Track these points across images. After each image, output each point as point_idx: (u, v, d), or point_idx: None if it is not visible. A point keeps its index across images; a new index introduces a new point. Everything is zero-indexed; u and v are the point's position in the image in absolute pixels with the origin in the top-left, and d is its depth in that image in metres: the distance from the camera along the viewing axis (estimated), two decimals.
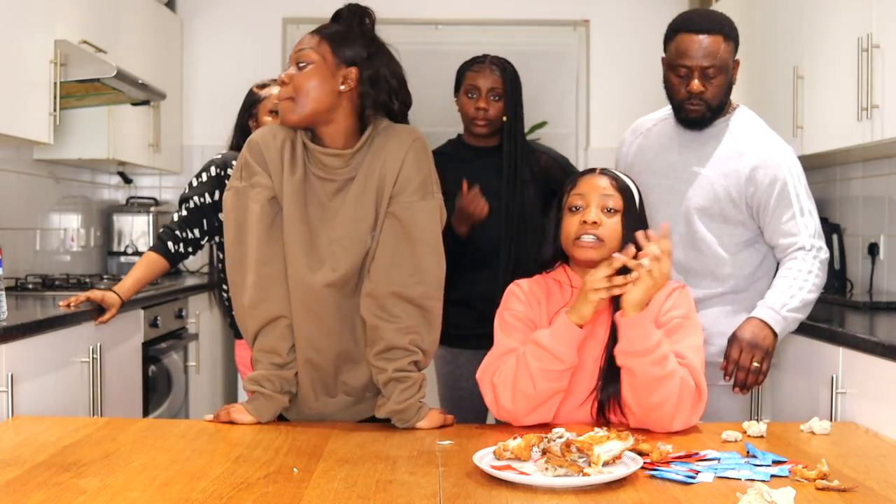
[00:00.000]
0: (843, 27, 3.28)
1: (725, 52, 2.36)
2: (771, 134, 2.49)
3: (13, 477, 1.58)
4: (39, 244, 4.21)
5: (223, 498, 1.48)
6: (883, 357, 2.30)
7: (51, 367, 2.72)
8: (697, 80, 2.36)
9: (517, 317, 2.07)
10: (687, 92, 2.38)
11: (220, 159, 2.86)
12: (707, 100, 2.38)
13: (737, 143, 2.43)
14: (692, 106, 2.40)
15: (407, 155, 2.02)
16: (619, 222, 2.03)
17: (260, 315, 2.01)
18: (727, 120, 2.47)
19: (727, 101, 2.46)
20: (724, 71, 2.37)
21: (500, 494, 1.51)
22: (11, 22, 3.19)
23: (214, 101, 5.19)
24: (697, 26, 2.36)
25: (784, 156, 2.42)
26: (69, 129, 4.08)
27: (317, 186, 2.02)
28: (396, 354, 1.98)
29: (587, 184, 2.07)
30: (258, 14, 5.31)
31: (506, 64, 2.89)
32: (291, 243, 2.00)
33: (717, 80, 2.37)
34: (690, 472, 1.60)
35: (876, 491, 1.52)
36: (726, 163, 2.41)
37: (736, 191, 2.40)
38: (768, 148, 2.43)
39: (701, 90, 2.36)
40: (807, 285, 2.36)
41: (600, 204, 2.03)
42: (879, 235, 3.70)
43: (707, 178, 2.40)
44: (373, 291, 2.00)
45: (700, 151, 2.45)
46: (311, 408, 2.08)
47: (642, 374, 1.91)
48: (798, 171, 2.43)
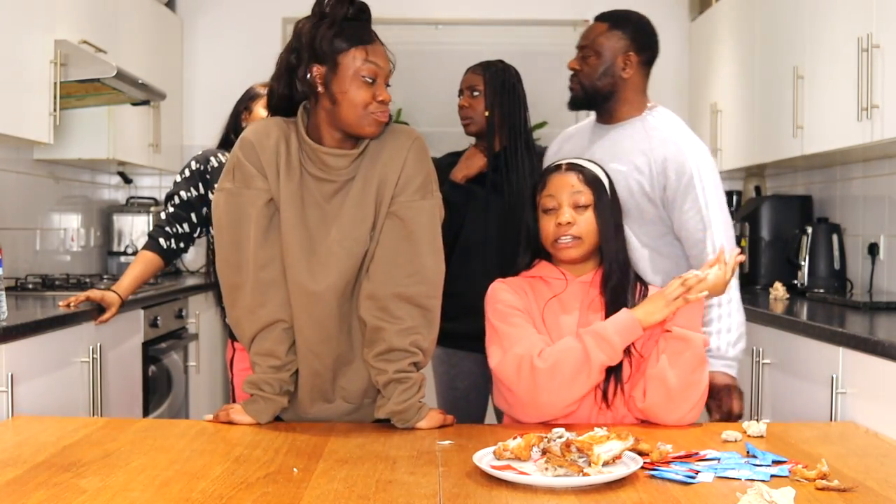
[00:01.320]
0: (843, 27, 3.28)
1: (604, 37, 2.47)
2: (686, 130, 2.48)
3: (13, 477, 1.58)
4: (39, 244, 4.21)
5: (223, 498, 1.48)
6: (883, 357, 2.30)
7: (51, 367, 2.72)
8: (575, 58, 2.52)
9: (512, 305, 2.09)
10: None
11: (202, 155, 2.90)
12: (580, 79, 2.50)
13: (650, 139, 2.43)
14: (571, 83, 2.54)
15: (408, 155, 2.00)
16: (591, 216, 2.08)
17: (257, 319, 1.99)
18: (642, 118, 2.48)
19: (604, 88, 2.47)
20: (596, 54, 2.47)
21: (500, 494, 1.51)
22: (11, 22, 3.19)
23: (214, 101, 5.16)
24: (598, 15, 2.56)
25: (694, 150, 2.41)
26: (69, 129, 4.08)
27: (313, 187, 1.99)
28: (397, 356, 1.98)
29: (555, 183, 2.11)
30: (258, 14, 5.31)
31: (492, 63, 2.90)
32: (291, 247, 1.97)
33: (590, 62, 2.48)
34: (690, 472, 1.60)
35: (876, 491, 1.52)
36: (639, 157, 2.41)
37: (649, 184, 2.39)
38: (679, 141, 2.42)
39: (574, 67, 2.52)
40: (734, 302, 2.36)
41: (571, 202, 2.08)
42: (879, 235, 3.70)
43: (621, 174, 2.37)
44: (373, 293, 1.98)
45: (614, 148, 2.45)
46: (308, 413, 2.07)
47: (695, 349, 2.00)
48: (707, 167, 2.39)
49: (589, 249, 2.09)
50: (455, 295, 2.31)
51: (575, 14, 5.24)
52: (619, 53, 2.46)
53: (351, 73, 1.92)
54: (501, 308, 2.09)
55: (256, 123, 2.05)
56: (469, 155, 2.88)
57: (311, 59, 1.93)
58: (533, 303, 2.10)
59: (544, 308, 2.09)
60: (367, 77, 1.92)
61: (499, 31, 5.33)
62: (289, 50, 1.98)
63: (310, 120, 1.99)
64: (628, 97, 2.48)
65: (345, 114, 1.93)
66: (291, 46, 1.97)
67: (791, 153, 3.73)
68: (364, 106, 1.92)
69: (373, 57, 1.93)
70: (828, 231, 3.87)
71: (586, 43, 2.50)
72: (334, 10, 1.93)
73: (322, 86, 1.94)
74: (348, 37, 1.92)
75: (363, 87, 1.92)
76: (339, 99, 1.92)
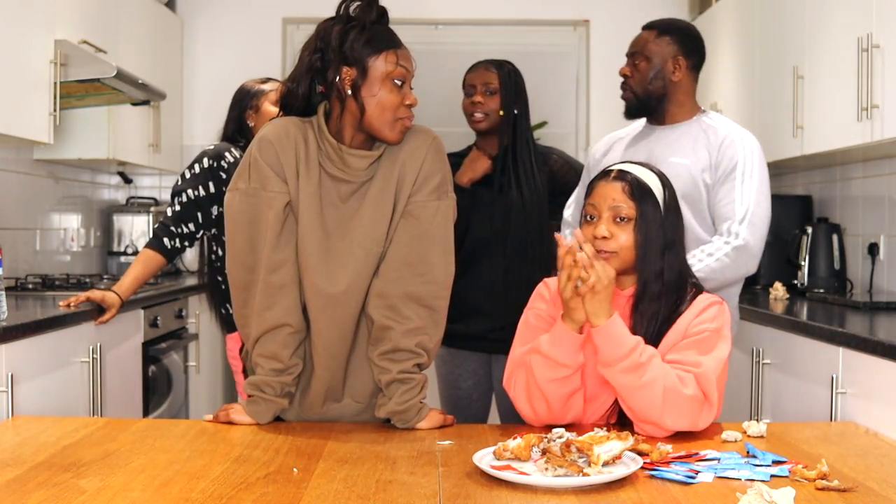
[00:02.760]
0: (843, 27, 3.28)
1: (654, 44, 2.59)
2: (739, 126, 2.61)
3: (13, 477, 1.58)
4: (39, 244, 4.21)
5: (223, 498, 1.48)
6: (883, 357, 2.30)
7: (51, 367, 2.72)
8: (626, 65, 2.62)
9: (541, 316, 2.04)
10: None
11: (213, 150, 2.86)
12: (631, 85, 2.61)
13: (707, 136, 2.55)
14: (622, 91, 2.64)
15: (427, 154, 2.00)
16: (631, 230, 1.94)
17: (264, 321, 1.97)
18: (698, 119, 2.61)
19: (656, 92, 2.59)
20: (647, 59, 2.58)
21: (500, 494, 1.51)
22: (11, 22, 3.19)
23: (214, 101, 5.15)
24: (646, 24, 2.67)
25: (746, 141, 2.54)
26: (69, 129, 4.08)
27: (330, 187, 1.98)
28: (402, 356, 1.97)
29: (599, 192, 1.99)
30: (258, 14, 5.31)
31: (504, 63, 2.92)
32: (307, 249, 1.96)
33: (641, 67, 2.59)
34: (690, 472, 1.60)
35: (876, 491, 1.52)
36: (699, 151, 2.52)
37: (710, 175, 2.49)
38: (733, 133, 2.55)
39: (625, 73, 2.62)
40: (697, 264, 2.39)
41: (611, 215, 1.96)
42: (879, 235, 3.70)
43: (684, 167, 2.49)
44: (383, 291, 1.97)
45: (675, 145, 2.56)
46: (317, 413, 2.06)
47: (615, 383, 1.88)
48: (755, 159, 2.51)
49: (626, 265, 1.94)
50: (460, 296, 2.31)
51: (575, 14, 5.24)
52: (669, 58, 2.58)
53: (382, 76, 1.93)
54: (531, 318, 2.04)
55: (273, 123, 2.02)
56: (473, 158, 2.88)
57: (340, 62, 1.93)
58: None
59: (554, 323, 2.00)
60: (398, 80, 1.94)
61: (499, 31, 5.33)
62: (311, 51, 1.97)
63: (332, 121, 1.98)
64: (680, 100, 2.61)
65: (374, 117, 1.94)
66: (315, 47, 1.96)
67: (791, 153, 3.73)
68: (394, 109, 1.94)
69: (403, 61, 1.95)
70: (828, 231, 3.87)
71: (636, 49, 2.60)
72: (363, 15, 1.95)
73: (351, 88, 1.93)
74: (379, 41, 1.94)
75: (393, 90, 1.94)
76: (368, 102, 1.93)
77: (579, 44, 5.32)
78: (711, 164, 2.49)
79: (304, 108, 2.02)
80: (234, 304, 2.03)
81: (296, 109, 2.02)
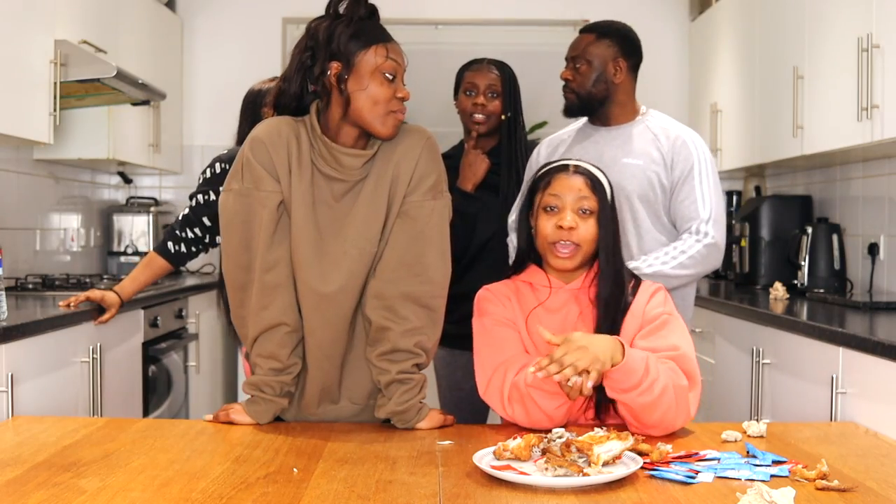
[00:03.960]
0: (843, 27, 3.28)
1: (594, 46, 2.61)
2: (682, 125, 2.65)
3: (13, 477, 1.58)
4: (39, 244, 4.21)
5: (223, 498, 1.48)
6: (883, 357, 2.30)
7: (51, 367, 2.72)
8: (566, 69, 2.64)
9: (497, 320, 2.05)
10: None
11: (227, 155, 2.83)
12: (573, 88, 2.63)
13: (656, 136, 2.59)
14: (565, 93, 2.66)
15: (422, 153, 2.00)
16: (594, 224, 2.01)
17: (260, 321, 1.97)
18: (643, 119, 2.64)
19: (598, 94, 2.61)
20: (587, 63, 2.60)
21: (500, 494, 1.51)
22: (11, 22, 3.19)
23: (214, 101, 5.19)
24: (584, 28, 2.69)
25: (696, 141, 2.59)
26: (69, 129, 4.08)
27: (323, 187, 1.98)
28: (401, 357, 1.97)
29: (563, 184, 2.04)
30: (258, 14, 5.31)
31: (503, 64, 2.92)
32: (300, 248, 1.96)
33: (582, 70, 2.61)
34: (690, 472, 1.60)
35: (876, 491, 1.52)
36: (651, 152, 2.56)
37: (665, 176, 2.54)
38: (683, 133, 2.60)
39: (567, 77, 2.64)
40: (672, 261, 2.45)
41: (575, 206, 2.01)
42: (879, 235, 3.70)
43: (638, 168, 2.55)
44: (381, 291, 1.97)
45: (626, 146, 2.59)
46: (314, 413, 2.06)
47: (636, 405, 1.88)
48: (707, 158, 2.57)
49: (584, 259, 2.03)
50: (461, 296, 2.31)
51: (575, 14, 5.24)
52: (609, 60, 2.61)
53: (371, 70, 1.92)
54: (488, 324, 2.05)
55: (265, 123, 2.02)
56: (471, 161, 2.85)
57: (328, 58, 1.93)
58: (518, 311, 2.06)
59: (528, 317, 2.04)
60: (388, 74, 1.94)
61: (499, 31, 5.33)
62: (302, 49, 1.97)
63: (323, 119, 1.98)
64: (622, 100, 2.64)
65: (364, 111, 1.93)
66: (305, 45, 1.97)
67: (791, 153, 3.73)
68: (385, 102, 1.93)
69: (393, 54, 1.95)
70: (828, 231, 3.87)
71: (576, 53, 2.63)
72: (351, 10, 1.95)
73: (339, 83, 1.93)
74: (368, 35, 1.94)
75: (384, 83, 1.93)
76: (356, 96, 1.92)
77: None
78: (666, 164, 2.54)
79: (297, 107, 2.01)
80: (231, 304, 2.03)
81: (289, 109, 2.02)
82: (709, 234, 2.48)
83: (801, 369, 2.83)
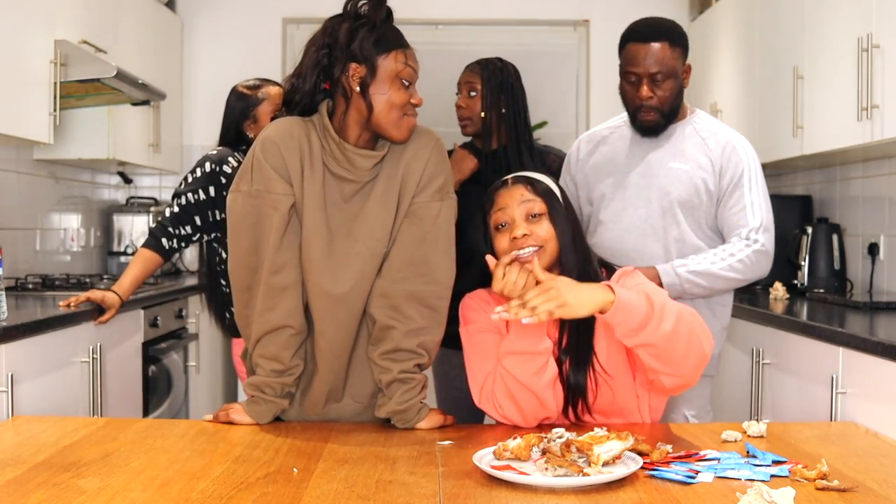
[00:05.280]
0: (843, 27, 3.28)
1: (672, 57, 2.43)
2: (732, 129, 2.59)
3: (13, 477, 1.58)
4: (39, 244, 4.21)
5: (223, 498, 1.48)
6: (883, 357, 2.30)
7: (51, 367, 2.72)
8: (646, 87, 2.43)
9: (480, 328, 2.05)
10: (639, 99, 2.45)
11: (216, 155, 2.86)
12: (657, 106, 2.46)
13: (705, 140, 2.51)
14: (645, 115, 2.47)
15: (431, 155, 2.01)
16: (548, 224, 2.00)
17: (265, 323, 1.97)
18: (691, 121, 2.55)
19: (679, 105, 2.52)
20: (671, 76, 2.44)
21: (500, 494, 1.51)
22: (11, 22, 3.19)
23: (214, 101, 5.12)
24: (644, 35, 2.45)
25: (746, 147, 2.52)
26: (69, 129, 4.08)
27: (333, 187, 1.97)
28: (403, 356, 1.97)
29: (505, 197, 2.04)
30: (258, 14, 5.31)
31: (490, 61, 2.85)
32: (312, 249, 1.95)
33: (666, 85, 2.44)
34: (690, 472, 1.60)
35: (876, 491, 1.52)
36: (699, 157, 2.49)
37: (712, 182, 2.47)
38: (733, 139, 2.52)
39: (650, 96, 2.44)
40: (721, 262, 2.39)
41: (523, 213, 2.01)
42: (879, 235, 3.70)
43: (685, 172, 2.47)
44: (386, 291, 1.97)
45: (673, 149, 2.51)
46: (317, 413, 2.06)
47: (660, 341, 1.85)
48: (757, 165, 2.51)
49: (551, 259, 1.99)
50: (457, 295, 2.31)
51: (575, 14, 5.24)
52: (681, 67, 2.48)
53: (391, 75, 1.93)
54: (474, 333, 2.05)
55: (276, 123, 2.00)
56: (459, 158, 2.82)
57: (348, 59, 1.93)
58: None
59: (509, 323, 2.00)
60: (406, 80, 1.95)
61: (499, 31, 5.33)
62: (318, 47, 1.95)
63: (336, 119, 1.97)
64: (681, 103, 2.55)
65: (382, 115, 1.94)
66: (322, 43, 1.95)
67: (791, 153, 3.73)
68: (401, 108, 1.94)
69: (411, 61, 1.97)
70: (828, 231, 3.87)
71: (660, 69, 2.42)
72: (373, 13, 1.95)
73: (358, 86, 1.93)
74: (389, 40, 1.95)
75: (401, 89, 1.94)
76: (376, 100, 1.93)
77: (579, 44, 5.32)
78: (714, 171, 2.46)
79: (308, 105, 2.00)
80: (236, 304, 2.02)
81: (299, 106, 2.01)
82: (759, 240, 2.42)
83: (801, 369, 2.83)
